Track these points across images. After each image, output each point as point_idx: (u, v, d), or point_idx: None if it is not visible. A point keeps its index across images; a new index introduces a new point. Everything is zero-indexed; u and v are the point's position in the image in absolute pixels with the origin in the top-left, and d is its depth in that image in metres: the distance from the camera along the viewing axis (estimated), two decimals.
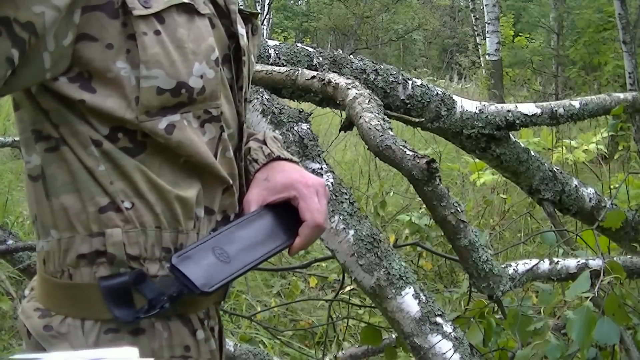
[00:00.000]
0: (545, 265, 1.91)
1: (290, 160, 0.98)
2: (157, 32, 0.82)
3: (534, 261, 1.90)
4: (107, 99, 0.82)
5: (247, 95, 0.99)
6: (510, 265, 1.87)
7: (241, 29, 0.94)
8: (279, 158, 0.97)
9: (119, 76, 0.81)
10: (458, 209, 1.25)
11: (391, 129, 1.20)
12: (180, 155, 0.86)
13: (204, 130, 0.88)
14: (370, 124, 1.19)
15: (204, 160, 0.87)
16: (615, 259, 1.79)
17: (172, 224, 0.86)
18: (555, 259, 1.93)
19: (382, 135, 1.17)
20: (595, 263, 1.83)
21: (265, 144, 0.99)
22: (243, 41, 0.94)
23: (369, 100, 1.26)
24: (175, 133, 0.84)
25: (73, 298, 0.85)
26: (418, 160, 1.13)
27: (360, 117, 1.22)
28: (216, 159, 0.89)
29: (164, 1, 0.83)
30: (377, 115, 1.22)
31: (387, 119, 1.26)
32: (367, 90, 1.31)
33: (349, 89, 1.30)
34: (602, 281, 1.37)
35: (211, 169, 0.89)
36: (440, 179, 1.19)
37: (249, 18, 0.99)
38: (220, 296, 0.97)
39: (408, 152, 1.14)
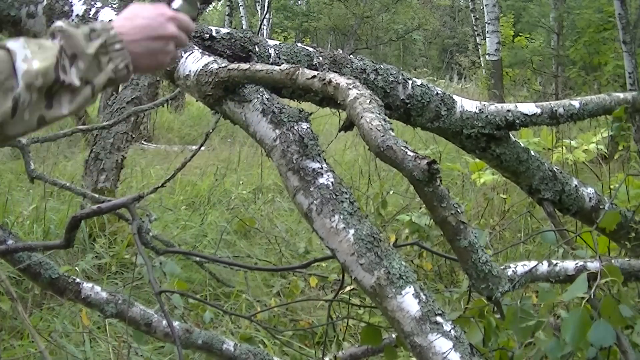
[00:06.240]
0: (543, 267, 1.91)
1: None
2: None
3: (533, 263, 1.90)
4: None
5: None
6: (510, 267, 1.87)
7: None
8: None
9: None
10: (458, 210, 1.25)
11: (392, 130, 1.20)
12: None
13: None
14: (372, 124, 1.19)
15: None
16: (613, 261, 1.79)
17: None
18: (554, 261, 1.93)
19: (383, 136, 1.17)
20: (593, 265, 1.83)
21: None
22: None
23: (370, 101, 1.26)
24: None
25: None
26: (419, 161, 1.13)
27: (362, 117, 1.22)
28: None
29: None
30: (378, 115, 1.22)
31: (388, 119, 1.25)
32: (368, 91, 1.30)
33: (350, 89, 1.30)
34: (598, 284, 1.37)
35: None
36: (441, 180, 1.19)
37: None
38: None
39: (409, 152, 1.14)
